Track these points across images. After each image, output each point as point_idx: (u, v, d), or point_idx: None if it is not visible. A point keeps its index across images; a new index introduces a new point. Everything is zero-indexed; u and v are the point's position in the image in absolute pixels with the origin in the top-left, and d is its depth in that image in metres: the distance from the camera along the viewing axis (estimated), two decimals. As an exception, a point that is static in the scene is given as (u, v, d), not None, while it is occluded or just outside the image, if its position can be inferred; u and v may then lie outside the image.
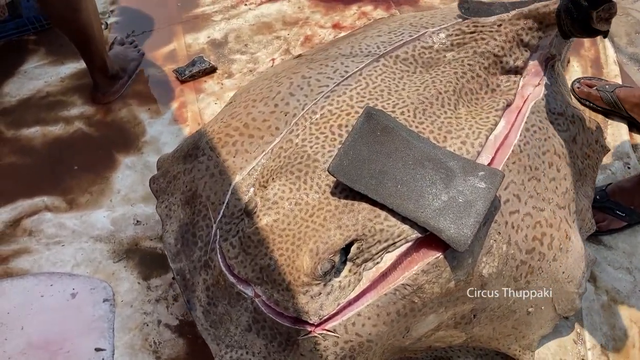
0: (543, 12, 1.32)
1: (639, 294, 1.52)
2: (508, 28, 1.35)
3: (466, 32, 1.38)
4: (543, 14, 1.33)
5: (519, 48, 1.36)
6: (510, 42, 1.35)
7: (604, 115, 1.92)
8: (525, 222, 1.21)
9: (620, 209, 1.61)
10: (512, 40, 1.35)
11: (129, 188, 1.85)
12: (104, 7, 2.47)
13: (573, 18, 1.15)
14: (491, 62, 1.35)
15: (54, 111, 2.08)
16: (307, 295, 1.07)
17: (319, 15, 2.38)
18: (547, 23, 1.34)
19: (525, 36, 1.35)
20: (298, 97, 1.32)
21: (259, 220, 1.13)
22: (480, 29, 1.37)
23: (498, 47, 1.35)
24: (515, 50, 1.36)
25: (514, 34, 1.35)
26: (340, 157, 1.13)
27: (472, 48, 1.36)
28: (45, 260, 1.67)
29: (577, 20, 1.15)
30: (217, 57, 2.24)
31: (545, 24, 1.34)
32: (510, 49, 1.35)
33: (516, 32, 1.35)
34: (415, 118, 1.24)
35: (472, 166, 1.13)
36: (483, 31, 1.37)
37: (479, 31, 1.37)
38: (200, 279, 1.21)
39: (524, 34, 1.35)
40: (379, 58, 1.38)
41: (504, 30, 1.36)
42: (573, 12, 1.14)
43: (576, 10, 1.13)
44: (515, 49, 1.36)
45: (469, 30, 1.38)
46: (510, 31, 1.35)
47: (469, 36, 1.38)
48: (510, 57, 1.35)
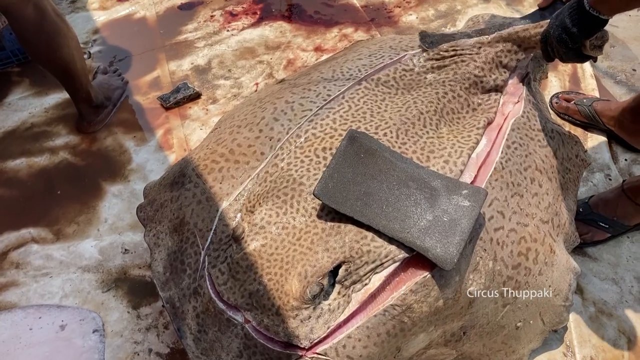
0: (523, 36, 1.35)
1: (625, 304, 1.54)
2: (487, 50, 1.39)
3: (446, 55, 1.41)
4: (523, 38, 1.36)
5: (498, 69, 1.39)
6: (489, 63, 1.38)
7: (584, 128, 1.95)
8: (510, 238, 1.22)
9: (604, 220, 1.63)
10: (491, 61, 1.38)
11: (116, 217, 1.84)
12: (87, 37, 2.49)
13: (568, 48, 1.17)
14: (472, 83, 1.38)
15: (39, 142, 2.08)
16: (297, 319, 1.08)
17: (301, 39, 2.42)
18: (526, 46, 1.37)
19: (504, 58, 1.38)
20: (282, 121, 1.34)
21: (247, 246, 1.14)
22: (460, 51, 1.41)
23: (478, 68, 1.38)
24: (495, 71, 1.39)
25: (494, 55, 1.38)
26: (325, 180, 1.14)
27: (452, 70, 1.39)
28: (33, 293, 1.66)
29: (572, 49, 1.17)
30: (201, 83, 2.26)
31: (524, 47, 1.37)
32: (490, 70, 1.38)
33: (495, 54, 1.38)
34: (398, 139, 1.26)
35: (455, 185, 1.15)
36: (463, 54, 1.40)
37: (459, 54, 1.40)
38: (190, 306, 1.21)
39: (503, 56, 1.38)
40: (360, 81, 1.41)
41: (484, 52, 1.39)
42: (568, 43, 1.16)
43: (571, 41, 1.15)
44: (495, 70, 1.39)
45: (448, 54, 1.42)
46: (490, 53, 1.38)
47: (449, 59, 1.41)
48: (490, 78, 1.38)
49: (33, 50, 1.81)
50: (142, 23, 2.58)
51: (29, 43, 1.77)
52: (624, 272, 1.60)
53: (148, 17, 2.60)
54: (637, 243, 1.66)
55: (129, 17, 2.62)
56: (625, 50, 2.22)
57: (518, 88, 1.43)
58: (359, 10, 2.54)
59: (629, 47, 2.23)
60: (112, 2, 2.70)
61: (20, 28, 1.72)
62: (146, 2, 2.67)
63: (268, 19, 2.54)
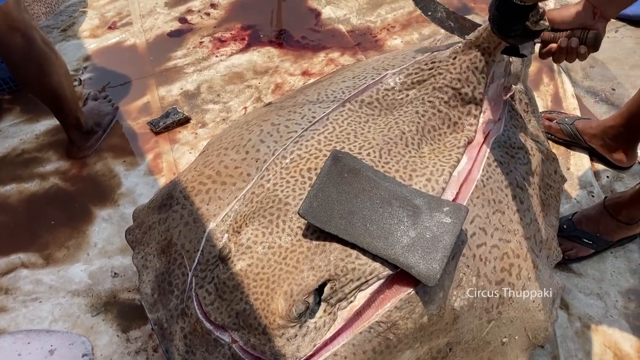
0: (487, 34, 1.35)
1: (610, 319, 1.56)
2: (462, 59, 1.40)
3: (424, 68, 1.44)
4: (488, 37, 1.35)
5: (476, 76, 1.40)
6: (466, 72, 1.40)
7: (566, 146, 1.99)
8: (493, 254, 1.25)
9: (587, 237, 1.66)
10: (467, 69, 1.39)
11: (105, 241, 1.85)
12: (77, 64, 2.53)
13: (515, 36, 1.21)
14: (451, 96, 1.40)
15: (30, 168, 2.10)
16: (283, 337, 1.09)
17: (289, 64, 2.46)
18: (495, 45, 1.36)
19: (479, 63, 1.39)
20: (268, 143, 1.36)
21: (234, 266, 1.15)
22: (438, 64, 1.43)
23: (455, 79, 1.40)
24: (472, 79, 1.40)
25: (469, 63, 1.39)
26: (310, 200, 1.16)
27: (431, 84, 1.42)
28: (22, 318, 1.66)
29: (519, 35, 1.20)
30: (191, 108, 2.29)
31: (493, 45, 1.36)
32: (467, 79, 1.40)
33: (470, 61, 1.39)
34: (381, 158, 1.28)
35: (437, 202, 1.17)
36: (440, 66, 1.42)
37: (436, 67, 1.43)
38: (177, 327, 1.22)
39: (478, 61, 1.39)
40: (344, 103, 1.44)
41: (459, 62, 1.41)
42: (510, 32, 1.20)
43: (512, 30, 1.19)
44: (472, 77, 1.40)
45: (427, 67, 1.44)
46: (465, 61, 1.40)
47: (427, 72, 1.43)
48: (469, 88, 1.40)
49: (22, 78, 1.84)
50: (132, 50, 2.62)
51: (18, 71, 1.81)
52: (608, 287, 1.63)
53: (138, 44, 2.64)
54: (620, 258, 1.69)
55: (120, 44, 2.66)
56: (604, 71, 2.28)
57: (498, 105, 1.46)
58: (345, 35, 2.59)
59: (608, 67, 2.29)
60: (102, 30, 2.74)
61: (10, 57, 1.75)
62: (136, 29, 2.72)
63: (256, 45, 2.59)
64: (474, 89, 1.40)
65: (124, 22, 2.78)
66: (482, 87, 1.40)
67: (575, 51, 1.20)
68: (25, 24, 1.72)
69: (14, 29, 1.69)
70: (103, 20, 2.80)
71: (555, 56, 1.24)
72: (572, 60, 1.24)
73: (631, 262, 1.68)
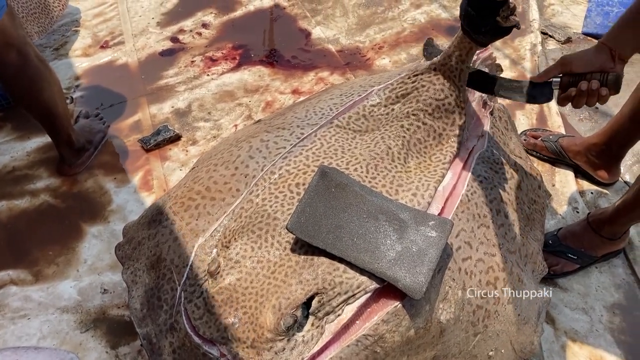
0: (458, 42, 1.37)
1: (596, 333, 1.58)
2: (441, 70, 1.44)
3: (407, 82, 1.47)
4: (459, 44, 1.37)
5: (455, 84, 1.42)
6: (447, 81, 1.42)
7: (551, 163, 2.03)
8: (478, 268, 1.27)
9: (572, 252, 1.68)
10: (448, 79, 1.42)
11: (95, 257, 1.86)
12: (69, 82, 2.54)
13: (483, 31, 1.21)
14: (434, 107, 1.43)
15: (20, 185, 2.10)
16: (271, 351, 1.10)
17: (279, 82, 2.49)
18: (467, 50, 1.37)
19: (455, 71, 1.40)
20: (257, 159, 1.39)
21: (223, 280, 1.17)
22: (420, 76, 1.46)
23: (437, 91, 1.43)
24: (453, 88, 1.42)
25: (449, 73, 1.42)
26: (298, 215, 1.18)
27: (414, 97, 1.45)
28: (10, 335, 1.65)
29: (489, 31, 1.21)
30: (182, 126, 2.31)
31: (465, 51, 1.37)
32: (449, 88, 1.42)
33: (449, 70, 1.41)
34: (368, 173, 1.31)
35: (422, 216, 1.20)
36: (423, 79, 1.45)
37: (419, 79, 1.46)
38: (166, 342, 1.23)
39: (454, 69, 1.40)
40: (332, 120, 1.47)
41: (440, 73, 1.44)
42: (480, 27, 1.20)
43: (483, 26, 1.20)
44: (453, 87, 1.42)
45: (410, 80, 1.47)
46: (444, 72, 1.43)
47: (410, 86, 1.46)
48: (451, 97, 1.42)
49: (16, 94, 1.86)
50: (124, 69, 2.64)
51: (11, 86, 1.82)
52: (593, 301, 1.65)
53: (130, 63, 2.67)
54: (605, 273, 1.71)
55: (111, 63, 2.68)
56: (588, 90, 2.33)
57: (480, 122, 1.49)
58: (335, 55, 2.64)
59: (592, 86, 2.34)
60: (94, 49, 2.77)
61: (4, 72, 1.77)
62: (128, 49, 2.75)
63: (247, 64, 2.62)
64: (455, 98, 1.42)
65: (116, 41, 2.81)
66: (461, 94, 1.42)
67: (596, 93, 1.18)
68: (20, 40, 1.74)
69: (9, 45, 1.71)
70: (95, 40, 2.82)
71: (575, 100, 1.22)
72: (592, 103, 1.21)
73: (616, 277, 1.70)
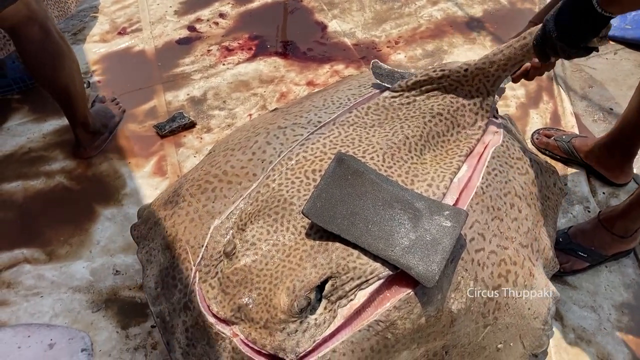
0: (509, 52, 1.37)
1: (604, 332, 1.58)
2: (475, 72, 1.44)
3: (434, 77, 1.47)
4: (509, 55, 1.37)
5: (487, 89, 1.43)
6: (479, 84, 1.44)
7: (563, 163, 2.03)
8: (491, 260, 1.28)
9: (582, 250, 1.68)
10: (478, 82, 1.43)
11: (108, 239, 1.88)
12: (86, 67, 2.57)
13: (579, 47, 1.19)
14: (459, 105, 1.44)
15: (36, 166, 2.13)
16: (284, 332, 1.11)
17: (294, 74, 2.51)
18: (514, 62, 1.38)
19: (491, 77, 1.42)
20: (274, 145, 1.40)
21: (238, 261, 1.18)
22: (448, 73, 1.46)
23: (465, 91, 1.44)
24: (483, 91, 1.43)
25: (482, 77, 1.44)
26: (314, 200, 1.20)
27: (440, 94, 1.45)
28: (23, 312, 1.68)
29: (583, 48, 1.19)
30: (197, 113, 2.33)
31: (513, 62, 1.38)
32: (478, 90, 1.43)
33: (484, 76, 1.43)
34: (385, 162, 1.32)
35: (437, 206, 1.21)
36: (450, 76, 1.46)
37: (447, 76, 1.46)
38: (179, 320, 1.24)
39: (491, 75, 1.41)
40: (351, 109, 1.48)
41: (471, 75, 1.44)
42: (580, 43, 1.18)
43: (583, 42, 1.17)
44: (484, 90, 1.43)
45: (436, 75, 1.47)
46: (478, 75, 1.44)
47: (437, 81, 1.47)
48: (478, 99, 1.43)
49: (35, 69, 1.88)
50: (141, 55, 2.67)
51: (32, 62, 1.84)
52: (602, 300, 1.65)
53: (147, 50, 2.69)
54: (614, 273, 1.72)
55: (129, 49, 2.71)
56: (602, 91, 2.33)
57: (497, 118, 1.50)
58: (350, 49, 2.65)
59: (607, 87, 2.34)
60: (112, 35, 2.79)
61: (25, 47, 1.79)
62: (145, 36, 2.77)
63: (263, 55, 2.64)
64: (482, 100, 1.43)
65: (133, 28, 2.83)
66: (489, 98, 1.43)
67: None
68: (42, 14, 1.77)
69: (32, 20, 1.73)
70: (113, 26, 2.85)
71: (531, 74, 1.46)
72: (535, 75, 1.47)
73: (625, 277, 1.71)
